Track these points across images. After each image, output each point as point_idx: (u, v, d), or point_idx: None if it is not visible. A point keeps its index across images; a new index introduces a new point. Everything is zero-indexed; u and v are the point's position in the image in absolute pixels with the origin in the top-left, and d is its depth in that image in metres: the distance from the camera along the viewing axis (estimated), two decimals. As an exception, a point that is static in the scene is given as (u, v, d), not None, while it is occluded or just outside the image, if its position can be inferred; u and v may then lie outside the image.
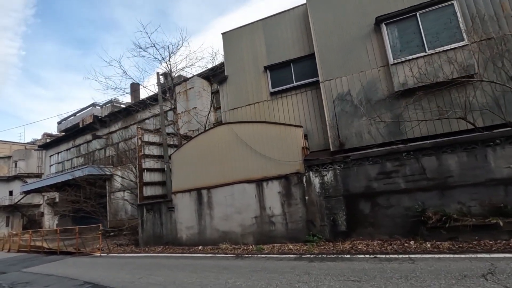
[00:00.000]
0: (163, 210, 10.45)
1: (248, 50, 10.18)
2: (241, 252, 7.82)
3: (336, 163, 7.55)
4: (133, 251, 10.54)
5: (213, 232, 9.14)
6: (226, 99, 10.37)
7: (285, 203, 8.10)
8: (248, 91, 10.01)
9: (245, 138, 8.96)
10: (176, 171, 10.41)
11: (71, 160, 25.06)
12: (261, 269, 5.83)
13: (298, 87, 9.27)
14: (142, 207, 11.07)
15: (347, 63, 8.20)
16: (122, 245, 12.02)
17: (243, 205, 8.68)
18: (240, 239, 8.58)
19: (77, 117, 34.27)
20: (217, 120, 15.74)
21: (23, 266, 10.39)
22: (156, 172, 12.60)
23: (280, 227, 8.09)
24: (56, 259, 11.04)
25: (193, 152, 10.02)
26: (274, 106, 9.56)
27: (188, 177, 10.00)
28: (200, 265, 6.80)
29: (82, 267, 8.58)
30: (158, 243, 10.34)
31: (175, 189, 10.26)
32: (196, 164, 9.87)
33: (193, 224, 9.60)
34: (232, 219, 8.80)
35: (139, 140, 11.94)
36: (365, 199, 7.08)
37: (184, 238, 9.76)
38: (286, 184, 8.17)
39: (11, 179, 36.51)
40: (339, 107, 8.14)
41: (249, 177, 8.72)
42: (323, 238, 7.44)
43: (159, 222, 10.51)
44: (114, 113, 21.61)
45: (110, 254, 10.65)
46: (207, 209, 9.36)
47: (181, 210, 9.97)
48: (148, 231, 10.77)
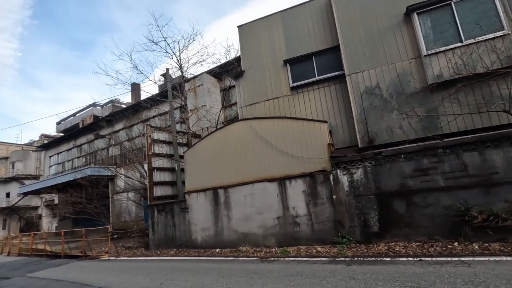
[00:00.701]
0: (176, 211, 9.94)
1: (266, 44, 9.75)
2: (264, 255, 7.34)
3: (366, 160, 7.12)
4: (144, 254, 10.01)
5: (231, 234, 8.65)
6: (243, 94, 9.92)
7: (311, 203, 7.64)
8: (267, 86, 9.57)
9: (265, 135, 8.51)
10: (189, 170, 9.92)
11: (72, 160, 24.43)
12: (295, 273, 5.35)
13: (320, 81, 8.85)
14: (153, 208, 10.55)
15: (375, 55, 7.80)
16: (130, 248, 11.48)
17: (264, 205, 8.21)
18: (261, 241, 8.09)
19: (77, 117, 33.67)
20: (226, 118, 15.30)
21: (27, 270, 9.82)
22: (166, 172, 12.09)
23: (305, 228, 7.62)
24: (61, 263, 10.47)
25: (208, 150, 9.54)
26: (294, 101, 9.13)
27: (203, 176, 9.52)
28: (224, 269, 6.31)
29: (92, 272, 8.04)
30: (171, 245, 9.82)
31: (189, 188, 9.77)
32: (212, 162, 9.39)
33: (209, 226, 9.10)
34: (252, 220, 8.32)
35: (148, 138, 11.44)
36: (399, 198, 6.64)
37: (199, 240, 9.25)
38: (311, 182, 7.72)
39: (9, 181, 35.67)
40: (367, 101, 7.72)
41: (271, 176, 8.26)
42: (354, 239, 6.98)
43: (171, 223, 9.99)
44: (117, 112, 21.05)
45: (119, 258, 10.10)
46: (225, 210, 8.87)
47: (195, 211, 9.48)
48: (159, 233, 10.25)
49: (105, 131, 21.71)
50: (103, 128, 21.73)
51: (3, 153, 41.47)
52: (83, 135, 23.71)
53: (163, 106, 17.87)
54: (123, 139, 20.40)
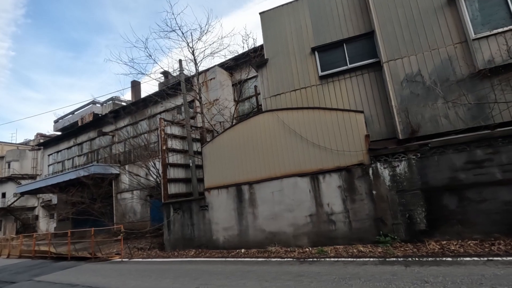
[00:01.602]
0: (194, 209, 9.30)
1: (291, 31, 9.17)
2: (299, 256, 6.76)
3: (410, 152, 6.57)
4: (159, 256, 9.35)
5: (257, 233, 8.05)
6: (266, 85, 9.32)
7: (347, 199, 7.08)
8: (293, 75, 8.99)
9: (294, 127, 7.93)
10: (209, 166, 9.29)
11: (73, 159, 23.58)
12: (350, 276, 4.78)
13: (352, 69, 8.30)
14: (168, 206, 9.90)
15: (416, 40, 7.27)
16: (142, 249, 10.80)
17: (294, 202, 7.62)
18: (292, 240, 7.51)
19: (75, 115, 32.75)
20: (239, 113, 14.70)
21: (33, 274, 9.10)
22: (180, 168, 11.44)
23: (341, 227, 7.05)
24: (69, 266, 9.77)
25: (229, 144, 8.94)
26: (324, 91, 8.56)
27: (224, 171, 8.90)
28: (262, 272, 5.71)
29: (109, 276, 7.37)
30: (189, 246, 9.18)
31: (209, 185, 9.15)
32: (234, 156, 8.79)
33: (232, 225, 8.49)
34: (282, 218, 7.73)
35: (162, 132, 10.78)
36: (450, 193, 6.11)
37: (221, 240, 8.63)
38: (347, 177, 7.15)
39: (4, 181, 34.57)
40: (408, 90, 7.19)
41: (301, 170, 7.68)
42: (398, 238, 6.43)
43: (189, 222, 9.35)
44: (121, 108, 20.29)
45: (133, 260, 9.43)
46: (250, 207, 8.27)
47: (216, 209, 8.86)
48: (176, 233, 9.60)
49: (108, 128, 20.94)
50: (106, 125, 20.95)
51: (-2, 152, 40.33)
52: (84, 132, 22.88)
53: (170, 102, 17.22)
54: (127, 136, 19.65)
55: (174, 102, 17.14)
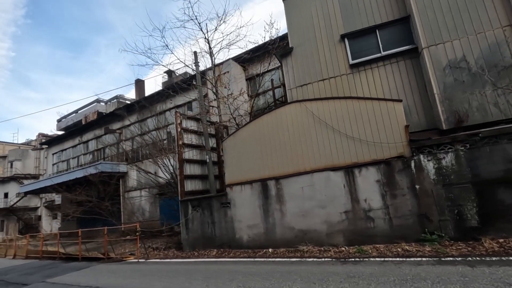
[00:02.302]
0: (215, 207, 8.80)
1: (318, 17, 8.68)
2: (337, 255, 6.24)
3: (458, 143, 6.07)
4: (178, 256, 8.83)
5: (285, 231, 7.54)
6: (292, 74, 8.83)
7: (387, 194, 6.57)
8: (321, 64, 8.50)
9: (325, 118, 7.43)
10: (230, 160, 8.79)
11: (78, 157, 23.07)
12: (412, 277, 4.26)
13: (386, 57, 7.80)
14: (187, 204, 9.39)
15: (459, 23, 6.78)
16: (157, 249, 10.28)
17: (327, 197, 7.11)
18: (325, 239, 7.00)
19: (79, 114, 32.29)
20: (253, 108, 14.20)
21: (45, 275, 8.59)
22: (196, 164, 10.94)
23: (381, 224, 6.54)
24: (82, 266, 9.25)
25: (253, 137, 8.44)
26: (355, 80, 8.06)
27: (248, 166, 8.40)
28: (305, 272, 5.19)
29: (129, 276, 6.85)
30: (209, 245, 8.67)
31: (230, 181, 8.64)
32: (258, 150, 8.29)
33: (257, 222, 7.98)
34: (313, 215, 7.22)
35: (178, 126, 10.28)
36: (505, 186, 5.60)
37: (244, 239, 8.12)
38: (386, 170, 6.65)
39: (7, 180, 34.06)
40: (451, 77, 6.69)
41: (334, 164, 7.18)
42: (446, 236, 5.92)
43: (209, 220, 8.84)
44: (128, 106, 19.79)
45: (150, 260, 8.92)
46: (276, 204, 7.76)
47: (239, 206, 8.35)
48: (195, 232, 9.08)
49: (115, 125, 20.44)
50: (112, 123, 20.46)
51: (-1, 152, 39.85)
52: (90, 130, 22.37)
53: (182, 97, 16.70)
54: (134, 134, 19.15)
55: (183, 98, 16.64)
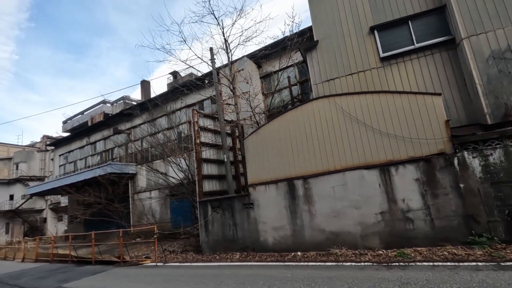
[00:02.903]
0: (237, 208, 8.40)
1: (345, 8, 8.32)
2: (376, 259, 5.83)
3: (507, 139, 5.66)
4: (198, 259, 8.42)
5: (315, 233, 7.13)
6: (317, 69, 8.46)
7: (427, 194, 6.15)
8: (349, 58, 8.12)
9: (356, 114, 7.04)
10: (252, 159, 8.41)
11: (86, 158, 22.75)
12: (478, 284, 3.85)
13: (420, 49, 7.42)
14: (206, 205, 9.00)
15: (502, 11, 6.40)
16: (174, 252, 9.87)
17: (361, 197, 6.70)
18: (360, 241, 6.58)
19: (85, 115, 32.10)
20: (268, 107, 13.82)
21: (59, 279, 8.21)
22: (213, 164, 10.57)
23: (421, 225, 6.12)
24: (97, 270, 8.86)
25: (277, 134, 8.06)
26: (387, 74, 7.68)
27: (272, 165, 8.02)
28: (350, 278, 4.78)
29: (151, 282, 6.45)
30: (231, 248, 8.27)
31: (253, 180, 8.25)
32: (283, 148, 7.90)
33: (283, 224, 7.57)
34: (345, 216, 6.81)
35: (195, 124, 9.92)
36: None
37: (270, 242, 7.72)
38: (426, 168, 6.24)
39: (12, 182, 33.81)
40: (495, 68, 6.29)
41: (368, 162, 6.78)
42: (497, 238, 5.50)
43: (230, 222, 8.44)
44: (137, 105, 19.47)
45: (168, 264, 8.51)
46: (305, 204, 7.36)
47: (263, 207, 7.95)
48: (215, 234, 8.69)
49: (124, 126, 20.13)
50: (121, 123, 20.15)
51: (3, 154, 39.69)
52: (98, 131, 22.07)
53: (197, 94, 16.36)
54: (144, 134, 18.82)
55: (195, 97, 16.32)
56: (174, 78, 27.92)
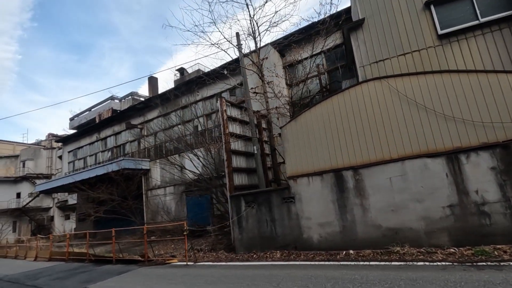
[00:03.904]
0: (275, 202, 7.69)
1: (394, -17, 7.60)
2: (452, 259, 5.11)
3: None
4: (233, 259, 7.73)
5: (369, 229, 6.41)
6: (364, 50, 7.74)
7: (507, 184, 5.42)
8: (401, 36, 7.40)
9: (415, 96, 6.31)
10: (292, 149, 7.70)
11: (96, 155, 22.14)
12: None
13: (486, 24, 6.69)
14: (239, 200, 8.30)
15: None
16: (201, 251, 9.19)
17: (425, 189, 5.98)
18: (424, 238, 5.86)
19: (92, 112, 31.57)
20: (292, 98, 13.11)
21: (82, 280, 7.55)
22: (241, 156, 9.88)
23: (500, 220, 5.39)
24: (120, 270, 8.19)
25: (320, 121, 7.34)
26: (446, 52, 6.95)
27: (315, 155, 7.31)
28: (441, 280, 4.06)
29: (192, 283, 5.74)
30: (269, 246, 7.56)
31: (294, 172, 7.54)
32: (328, 136, 7.19)
33: (331, 220, 6.86)
34: (406, 211, 6.09)
35: (224, 113, 9.22)
36: None
37: (315, 239, 7.01)
38: (504, 155, 5.50)
39: (19, 180, 33.30)
40: None
41: (431, 150, 6.05)
42: None
43: (268, 218, 7.74)
44: (150, 99, 18.80)
45: (199, 263, 7.83)
46: (356, 198, 6.64)
47: (306, 201, 7.24)
48: (250, 231, 7.99)
49: (136, 120, 19.48)
50: (133, 118, 19.51)
51: (9, 152, 39.21)
52: (108, 127, 21.43)
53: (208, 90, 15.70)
54: (157, 129, 18.16)
55: (212, 90, 15.64)
56: (181, 74, 27.31)
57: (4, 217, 30.47)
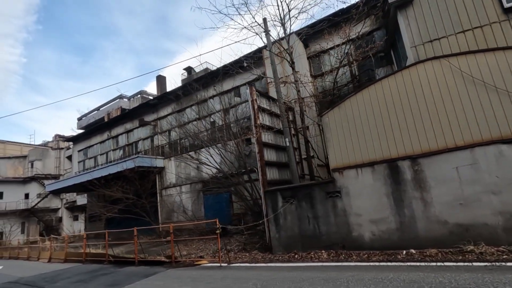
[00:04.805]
0: (318, 197, 7.00)
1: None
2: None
3: None
4: (272, 259, 7.03)
5: (432, 226, 5.70)
6: (415, 29, 7.04)
7: None
8: (458, 12, 6.69)
9: (482, 76, 5.61)
10: (335, 139, 7.02)
11: (107, 153, 21.60)
12: None
13: (561, -5, 5.98)
14: (275, 195, 7.61)
15: None
16: (231, 251, 8.52)
17: (501, 180, 5.25)
18: (503, 235, 5.13)
19: (101, 111, 31.11)
20: (316, 89, 12.43)
21: (106, 284, 6.93)
22: (271, 150, 9.20)
23: None
24: (147, 272, 7.56)
25: (369, 107, 6.65)
26: (514, 28, 6.24)
27: (364, 144, 6.62)
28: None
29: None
30: (312, 246, 6.86)
31: (339, 164, 6.85)
32: (378, 124, 6.50)
33: (385, 216, 6.16)
34: (478, 204, 5.37)
35: (254, 102, 8.56)
36: None
37: (366, 238, 6.30)
38: None
39: (28, 181, 32.91)
40: None
41: (506, 135, 5.34)
42: None
43: (310, 214, 7.05)
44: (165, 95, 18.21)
45: (234, 264, 7.16)
46: (415, 191, 5.93)
47: (355, 195, 6.54)
48: (289, 229, 7.30)
49: (148, 117, 18.91)
50: (146, 114, 18.94)
51: (17, 153, 38.94)
52: (120, 124, 20.89)
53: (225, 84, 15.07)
54: (171, 126, 17.57)
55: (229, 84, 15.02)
56: (188, 74, 26.85)
57: (13, 218, 30.09)
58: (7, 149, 41.36)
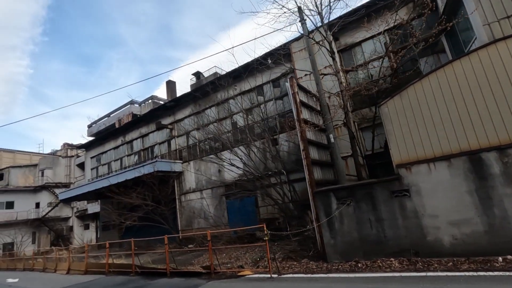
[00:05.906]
0: (380, 197, 6.18)
1: None
2: None
3: None
4: (329, 269, 6.18)
5: (532, 228, 4.85)
6: (487, 4, 6.27)
7: None
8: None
9: None
10: (398, 131, 6.23)
11: (121, 159, 20.95)
12: None
13: None
14: (327, 196, 6.80)
15: None
16: (274, 260, 7.68)
17: None
18: None
19: (111, 117, 30.69)
20: (349, 84, 11.67)
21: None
22: (314, 148, 8.42)
23: None
24: (186, 286, 6.78)
25: (438, 94, 5.87)
26: None
27: (434, 135, 5.82)
28: None
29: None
30: (376, 253, 6.02)
31: (405, 159, 6.05)
32: (451, 111, 5.71)
33: (469, 217, 5.31)
34: None
35: (296, 95, 7.82)
36: None
37: (445, 243, 5.46)
38: None
39: (38, 190, 32.37)
40: None
41: None
42: None
43: (372, 217, 6.22)
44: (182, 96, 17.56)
45: (286, 275, 6.33)
46: (506, 187, 5.09)
47: (428, 194, 5.71)
48: (346, 234, 6.47)
49: (164, 121, 18.27)
50: (162, 117, 18.32)
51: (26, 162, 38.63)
52: (135, 129, 20.29)
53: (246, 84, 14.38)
54: (189, 128, 16.90)
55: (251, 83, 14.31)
56: (197, 79, 26.41)
57: (24, 228, 29.49)
58: (16, 158, 41.15)
